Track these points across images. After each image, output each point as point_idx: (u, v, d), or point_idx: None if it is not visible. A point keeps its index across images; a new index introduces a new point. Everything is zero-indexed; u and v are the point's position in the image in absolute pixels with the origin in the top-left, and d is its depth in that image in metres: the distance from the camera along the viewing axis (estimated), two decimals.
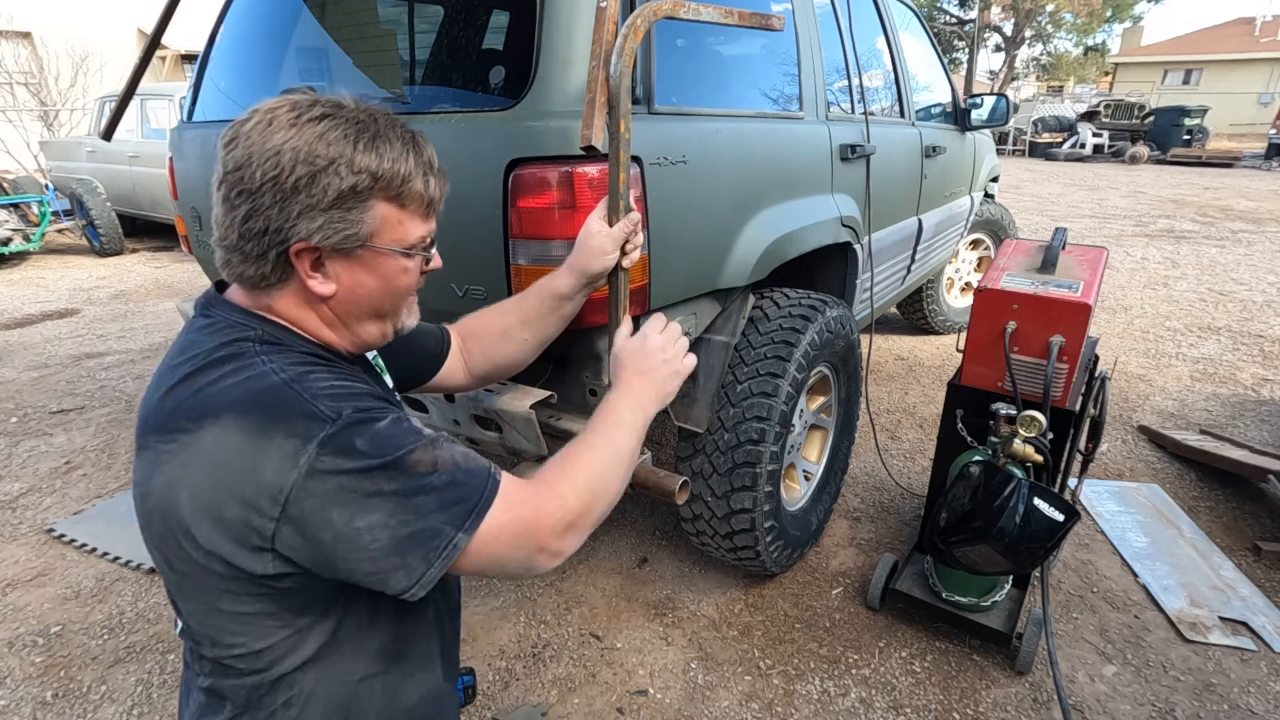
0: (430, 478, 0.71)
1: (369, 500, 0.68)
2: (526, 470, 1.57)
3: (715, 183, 1.59)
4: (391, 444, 0.70)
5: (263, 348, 0.75)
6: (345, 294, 0.78)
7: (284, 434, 0.67)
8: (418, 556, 0.70)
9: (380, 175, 0.74)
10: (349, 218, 0.74)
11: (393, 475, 0.69)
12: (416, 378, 1.12)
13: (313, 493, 0.67)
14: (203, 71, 2.09)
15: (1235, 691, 1.71)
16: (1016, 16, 26.24)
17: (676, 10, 1.10)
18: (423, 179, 0.78)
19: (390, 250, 0.78)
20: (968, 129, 3.35)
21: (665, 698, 1.72)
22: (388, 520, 0.69)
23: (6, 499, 2.57)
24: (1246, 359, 3.92)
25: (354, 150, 0.73)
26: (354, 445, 0.68)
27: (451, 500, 0.71)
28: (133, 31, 11.65)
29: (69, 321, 4.78)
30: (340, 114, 0.74)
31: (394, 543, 0.69)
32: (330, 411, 0.69)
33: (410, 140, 0.78)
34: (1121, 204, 9.84)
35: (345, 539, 0.68)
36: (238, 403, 0.68)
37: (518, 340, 1.17)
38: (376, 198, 0.75)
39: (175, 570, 0.74)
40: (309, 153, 0.72)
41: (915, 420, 3.20)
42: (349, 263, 0.77)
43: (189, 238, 2.19)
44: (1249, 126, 25.23)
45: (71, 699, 1.71)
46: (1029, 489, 1.50)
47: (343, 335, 0.82)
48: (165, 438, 0.70)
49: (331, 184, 0.72)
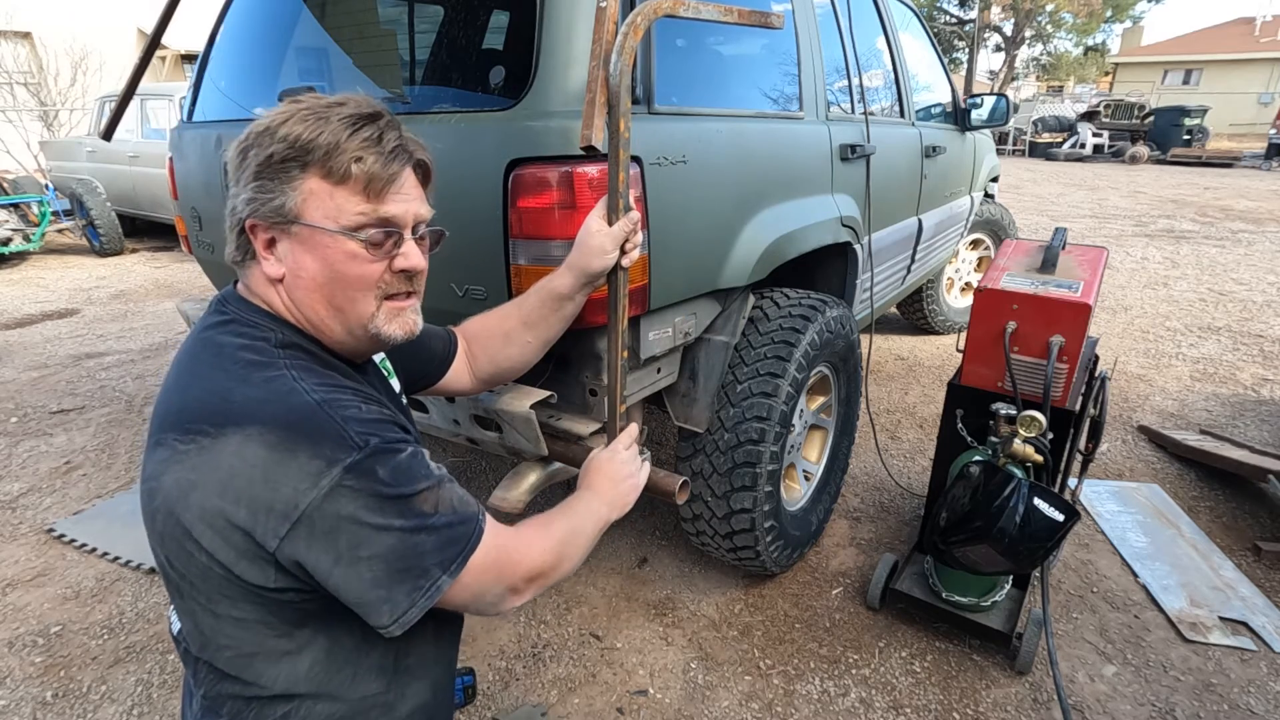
0: (433, 518, 0.74)
1: (377, 533, 0.70)
2: (525, 471, 1.57)
3: (715, 183, 1.59)
4: (409, 477, 0.73)
5: (285, 354, 0.75)
6: (291, 276, 0.77)
7: (309, 453, 0.68)
8: (403, 593, 0.72)
9: (299, 142, 0.73)
10: (270, 186, 0.74)
11: (403, 510, 0.72)
12: (423, 381, 1.12)
13: (327, 514, 0.68)
14: (203, 71, 2.09)
15: (1235, 691, 1.71)
16: (1016, 16, 26.24)
17: (676, 8, 1.10)
18: (359, 152, 0.74)
19: (324, 228, 0.75)
20: (968, 129, 3.35)
21: (665, 698, 1.72)
22: (388, 554, 0.71)
23: (6, 499, 2.57)
24: (1246, 359, 3.92)
25: (284, 124, 0.74)
26: (376, 474, 0.70)
27: (445, 542, 0.74)
28: (133, 31, 11.65)
29: (69, 321, 4.78)
30: (307, 102, 0.76)
31: (387, 575, 0.71)
32: (359, 439, 0.70)
33: (360, 119, 0.75)
34: (1121, 204, 9.83)
35: (346, 563, 0.69)
36: (267, 416, 0.69)
37: (520, 343, 1.17)
38: (303, 170, 0.74)
39: (175, 568, 0.74)
40: (253, 134, 0.75)
41: (915, 420, 3.20)
42: (291, 242, 0.76)
43: (189, 238, 2.19)
44: (1249, 126, 25.23)
45: (71, 699, 1.71)
46: (1029, 489, 1.50)
47: (329, 331, 0.80)
48: (183, 437, 0.70)
49: (259, 154, 0.74)
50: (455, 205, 1.38)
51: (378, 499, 0.70)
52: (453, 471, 2.73)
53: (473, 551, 0.76)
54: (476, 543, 0.77)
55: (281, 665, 0.77)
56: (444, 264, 1.44)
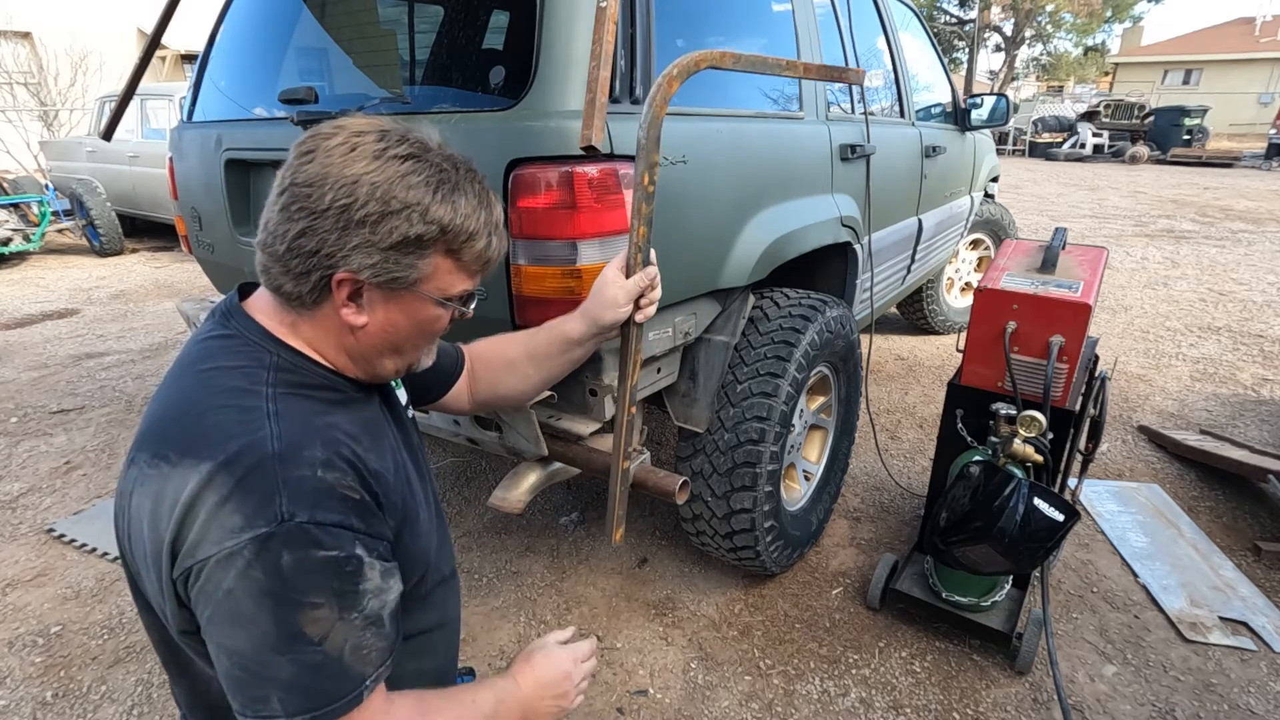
0: (306, 649, 0.64)
1: (239, 623, 0.63)
2: (525, 471, 1.57)
3: (715, 182, 1.59)
4: (308, 583, 0.64)
5: (277, 378, 0.72)
6: (375, 329, 0.76)
7: (234, 507, 0.63)
8: (238, 702, 0.65)
9: (448, 229, 0.73)
10: (405, 262, 0.72)
11: (278, 617, 0.63)
12: (427, 395, 1.11)
13: (214, 577, 0.63)
14: (203, 71, 2.09)
15: (1235, 691, 1.71)
16: (1016, 16, 26.23)
17: (723, 61, 1.04)
18: (486, 239, 0.77)
19: (434, 298, 0.77)
20: (968, 129, 3.35)
21: (665, 698, 1.72)
22: (239, 650, 0.64)
23: (6, 499, 2.57)
24: (1246, 359, 3.92)
25: (430, 199, 0.71)
26: (277, 559, 0.63)
27: (300, 686, 0.64)
28: (133, 31, 11.66)
29: (69, 321, 4.78)
30: (425, 157, 0.72)
31: (228, 679, 0.65)
32: (285, 509, 0.64)
33: (485, 197, 0.77)
34: (1121, 204, 9.84)
35: (209, 634, 0.66)
36: (223, 455, 0.65)
37: (522, 374, 1.14)
38: (437, 248, 0.74)
39: (139, 589, 0.74)
40: (386, 192, 0.69)
41: (915, 420, 3.20)
42: (387, 301, 0.75)
43: (189, 238, 2.19)
44: (1249, 126, 25.23)
45: (71, 699, 1.71)
46: (1029, 489, 1.50)
47: (360, 366, 0.80)
48: (151, 460, 0.68)
49: (399, 227, 0.70)
50: None
51: (260, 587, 0.63)
52: (453, 472, 2.73)
53: (329, 717, 0.65)
54: (341, 711, 0.65)
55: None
56: None
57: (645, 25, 1.44)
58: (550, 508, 2.50)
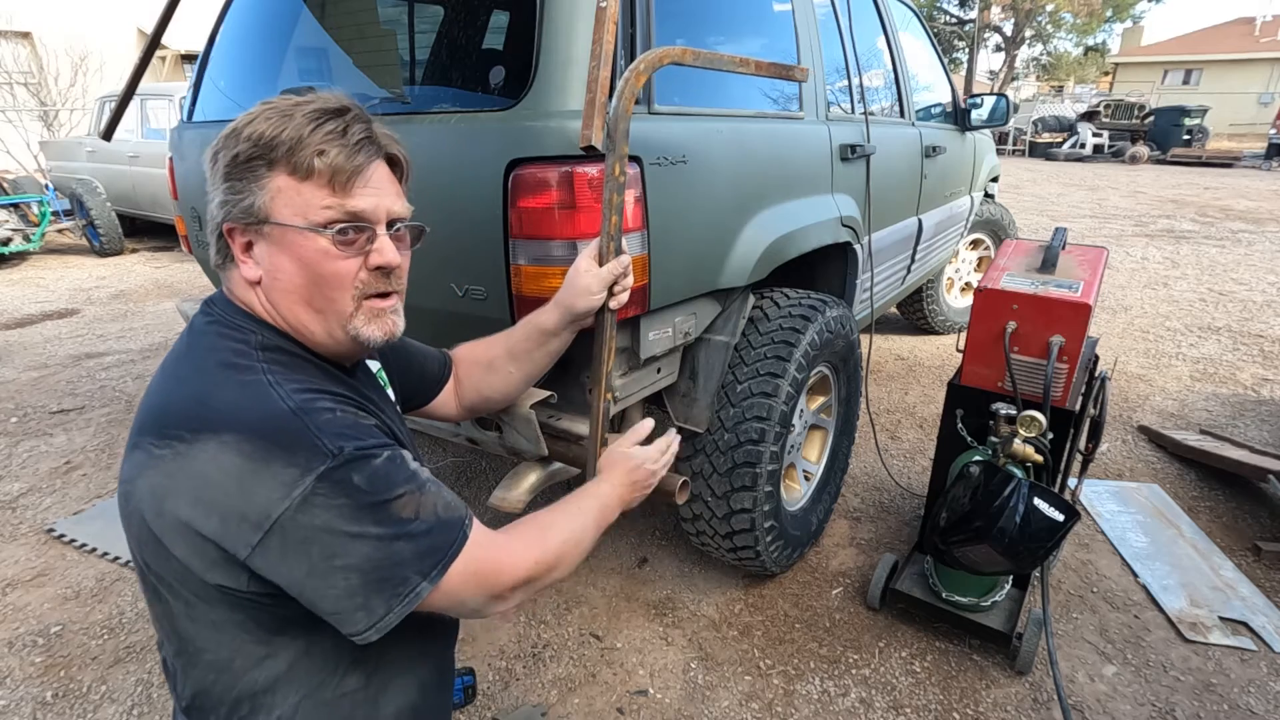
0: (412, 524, 0.72)
1: (352, 541, 0.68)
2: (525, 471, 1.57)
3: (715, 182, 1.59)
4: (386, 483, 0.71)
5: (265, 356, 0.74)
6: (268, 279, 0.77)
7: (284, 462, 0.66)
8: (380, 600, 0.70)
9: (263, 140, 0.73)
10: (239, 186, 0.74)
11: (380, 518, 0.70)
12: (415, 400, 1.12)
13: (300, 524, 0.66)
14: (203, 71, 2.09)
15: (1235, 691, 1.71)
16: (1016, 16, 26.23)
17: (684, 57, 1.10)
18: (323, 145, 0.73)
19: (293, 225, 0.74)
20: (968, 129, 3.35)
21: (665, 698, 1.72)
22: (363, 563, 0.69)
23: (6, 499, 2.57)
24: (1246, 359, 3.92)
25: (252, 122, 0.74)
26: (350, 481, 0.68)
27: (426, 550, 0.72)
28: (133, 31, 11.65)
29: (69, 321, 4.78)
30: (286, 100, 0.76)
31: (363, 584, 0.69)
32: (333, 445, 0.68)
33: (324, 113, 0.75)
34: (1121, 204, 9.83)
35: (319, 574, 0.68)
36: (241, 423, 0.68)
37: (504, 373, 1.16)
38: (269, 167, 0.74)
39: (152, 571, 0.74)
40: (223, 132, 0.75)
41: (915, 420, 3.20)
42: (266, 244, 0.76)
43: (189, 238, 2.19)
44: (1249, 126, 25.23)
45: (71, 699, 1.71)
46: (1029, 489, 1.50)
47: (313, 329, 0.79)
48: (160, 441, 0.69)
49: (226, 155, 0.74)
50: (455, 205, 1.38)
51: (352, 507, 0.68)
52: (453, 472, 2.73)
53: (454, 559, 0.74)
54: (459, 550, 0.74)
55: (260, 667, 0.76)
56: (444, 264, 1.45)
57: (645, 25, 1.44)
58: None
